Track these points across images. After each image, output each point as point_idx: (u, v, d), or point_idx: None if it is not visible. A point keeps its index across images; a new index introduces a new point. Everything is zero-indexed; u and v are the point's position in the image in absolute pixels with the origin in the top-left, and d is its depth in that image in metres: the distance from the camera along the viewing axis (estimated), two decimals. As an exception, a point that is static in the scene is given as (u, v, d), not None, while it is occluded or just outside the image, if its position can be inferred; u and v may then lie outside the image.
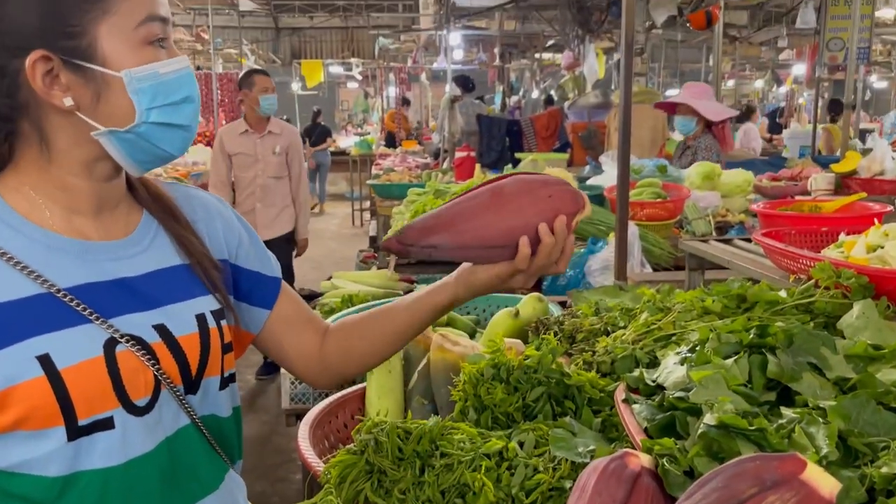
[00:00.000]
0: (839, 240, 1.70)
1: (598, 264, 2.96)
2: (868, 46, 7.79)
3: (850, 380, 1.11)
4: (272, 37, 20.68)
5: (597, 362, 1.45)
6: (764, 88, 18.47)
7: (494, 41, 11.34)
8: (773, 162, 6.62)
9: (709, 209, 3.70)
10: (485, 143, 7.57)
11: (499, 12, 9.67)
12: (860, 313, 1.32)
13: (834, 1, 7.32)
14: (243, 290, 1.13)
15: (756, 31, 9.82)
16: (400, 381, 1.63)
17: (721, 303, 1.47)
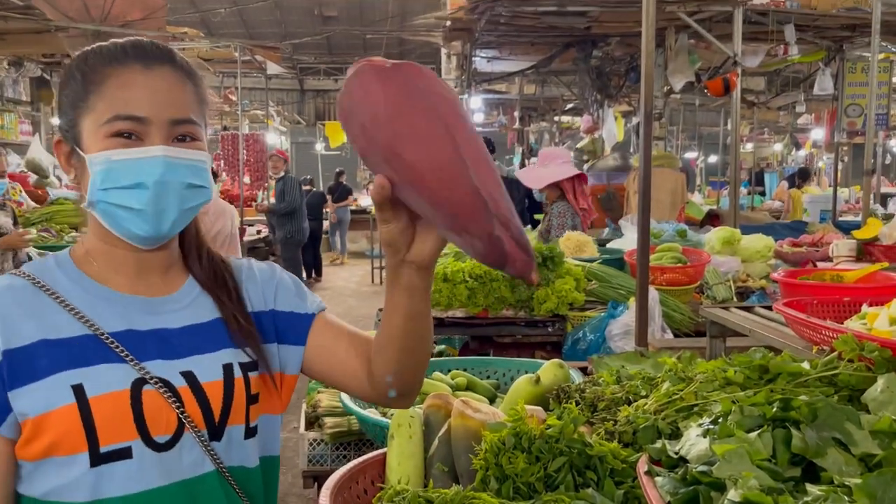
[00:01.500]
0: (862, 311, 1.70)
1: (619, 329, 2.97)
2: (886, 112, 7.85)
3: (876, 456, 1.10)
4: (297, 98, 21.23)
5: (619, 432, 1.44)
6: (783, 152, 18.54)
7: (514, 104, 11.57)
8: (793, 226, 6.61)
9: (729, 274, 3.70)
10: (505, 205, 7.62)
11: (519, 77, 9.90)
12: (884, 387, 1.31)
13: (851, 68, 7.43)
14: (281, 332, 1.18)
15: (774, 97, 9.94)
16: (420, 446, 1.63)
17: (743, 374, 1.46)
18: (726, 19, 5.94)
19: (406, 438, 1.62)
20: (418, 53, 14.79)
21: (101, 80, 1.04)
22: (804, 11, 6.27)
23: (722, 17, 6.02)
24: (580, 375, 2.05)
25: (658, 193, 6.39)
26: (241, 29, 15.32)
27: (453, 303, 3.15)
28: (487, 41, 7.07)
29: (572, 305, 3.21)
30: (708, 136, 19.94)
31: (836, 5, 6.21)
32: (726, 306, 2.35)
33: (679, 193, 6.53)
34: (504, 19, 6.10)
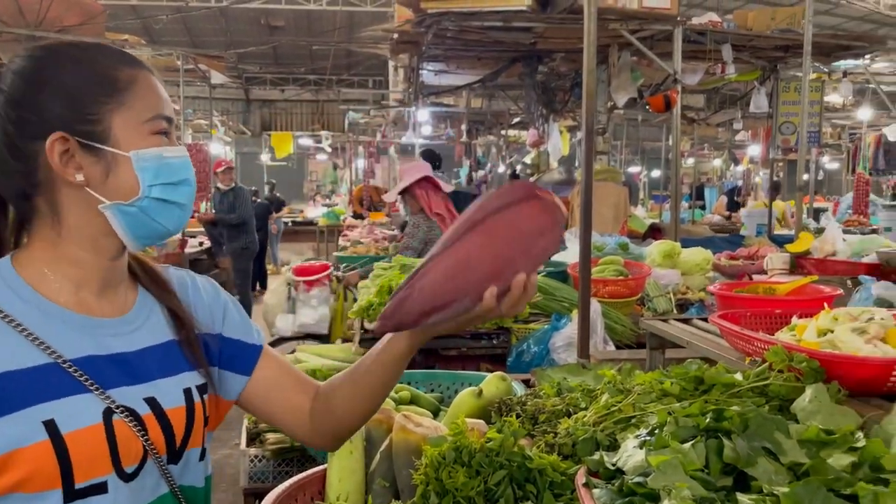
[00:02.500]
0: (792, 323, 1.76)
1: (562, 341, 2.99)
2: (818, 130, 8.17)
3: (804, 465, 1.13)
4: (243, 108, 20.95)
5: (559, 444, 1.46)
6: (722, 167, 19.11)
7: (462, 117, 11.64)
8: (731, 240, 6.81)
9: (669, 286, 3.78)
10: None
11: (466, 91, 9.98)
12: (812, 397, 1.35)
13: (784, 87, 7.70)
14: (226, 359, 1.19)
15: (713, 114, 10.24)
16: (361, 462, 1.61)
17: (679, 385, 1.49)
18: (667, 38, 6.10)
19: (347, 454, 1.61)
20: (366, 65, 14.80)
21: (132, 80, 1.04)
22: (740, 32, 6.49)
23: (663, 35, 6.18)
24: (523, 388, 2.06)
25: (601, 207, 6.50)
26: (184, 37, 15.06)
27: (398, 316, 3.13)
28: (434, 54, 7.10)
29: (517, 318, 3.23)
30: (651, 151, 20.42)
31: (771, 27, 6.44)
32: (665, 318, 2.40)
33: (622, 207, 6.66)
34: (451, 33, 6.13)
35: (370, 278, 3.63)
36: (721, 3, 11.55)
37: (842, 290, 2.16)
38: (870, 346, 1.47)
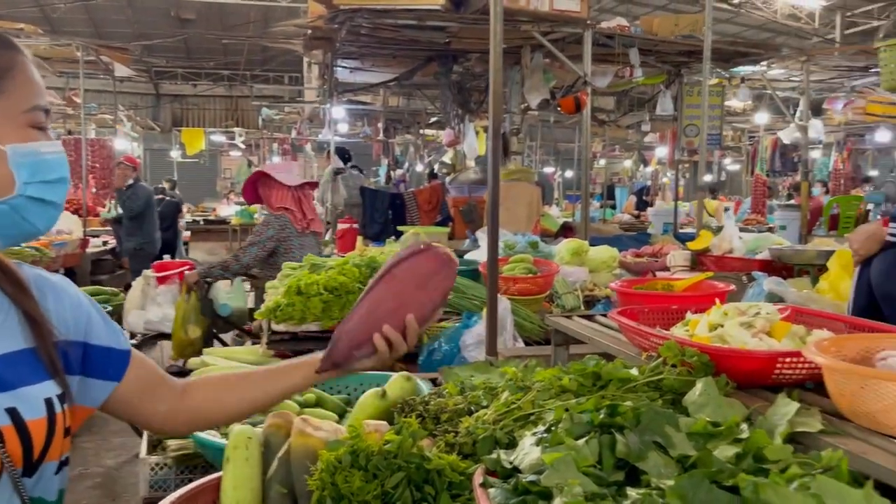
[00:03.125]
0: (686, 318, 1.81)
1: (473, 339, 3.00)
2: (719, 133, 8.54)
3: (691, 457, 1.16)
4: (152, 103, 20.21)
5: (459, 444, 1.45)
6: (632, 168, 19.73)
7: (379, 116, 11.57)
8: (639, 238, 7.02)
9: (577, 284, 3.86)
10: (368, 216, 7.61)
11: (383, 89, 9.92)
12: (702, 390, 1.39)
13: (688, 91, 8.01)
14: (92, 366, 1.15)
15: (622, 116, 10.55)
16: (258, 469, 1.56)
17: (577, 381, 1.51)
18: (577, 41, 6.24)
19: (242, 461, 1.55)
20: (280, 61, 14.52)
21: (9, 66, 0.97)
22: (646, 37, 6.70)
23: (573, 38, 6.31)
24: (430, 387, 2.05)
25: (514, 206, 6.59)
26: (88, 28, 14.37)
27: (307, 316, 3.07)
28: (349, 51, 7.03)
29: (428, 317, 3.22)
30: (565, 151, 20.87)
31: (674, 33, 6.68)
32: (569, 315, 2.44)
33: (534, 206, 6.76)
34: (365, 30, 6.08)
35: (278, 278, 3.55)
36: (630, 10, 11.94)
37: (735, 286, 2.25)
38: (756, 340, 1.52)
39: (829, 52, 9.76)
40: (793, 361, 1.40)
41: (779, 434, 1.23)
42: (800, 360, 1.38)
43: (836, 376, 1.21)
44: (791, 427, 1.25)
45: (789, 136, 10.66)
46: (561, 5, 5.71)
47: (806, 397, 1.41)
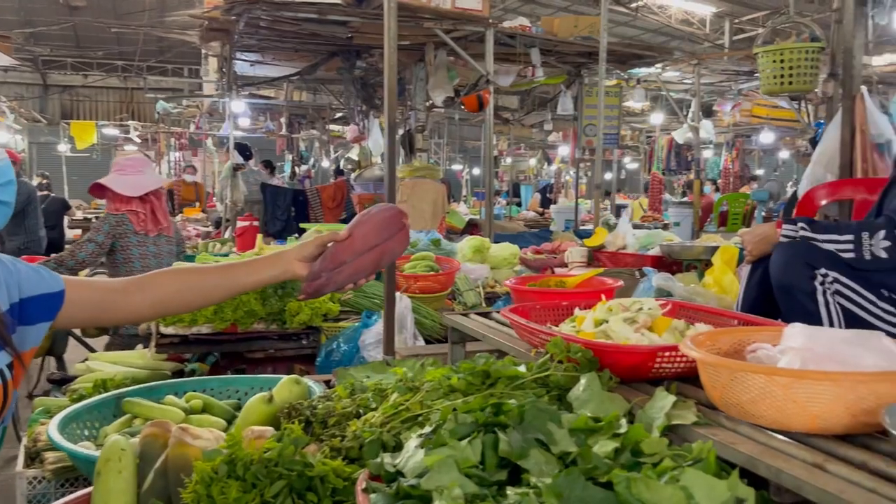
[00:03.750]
0: (574, 314, 1.84)
1: (372, 338, 2.97)
2: (617, 133, 8.80)
3: (572, 454, 1.17)
4: (39, 93, 19.06)
5: (345, 448, 1.41)
6: (537, 166, 20.12)
7: (282, 110, 11.31)
8: (541, 235, 7.16)
9: (479, 281, 3.88)
10: (269, 213, 7.43)
11: (286, 83, 9.70)
12: (586, 386, 1.41)
13: (588, 91, 8.22)
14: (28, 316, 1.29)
15: (526, 115, 10.72)
16: (132, 482, 1.47)
17: (466, 380, 1.50)
18: (480, 39, 6.29)
19: (115, 474, 1.46)
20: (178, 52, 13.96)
21: None
22: (547, 37, 6.82)
23: (476, 37, 6.36)
24: (324, 389, 2.00)
25: (420, 203, 6.58)
26: (-35, 12, 13.39)
27: (198, 318, 2.95)
28: (248, 44, 6.83)
29: (327, 316, 3.16)
30: (473, 149, 21.08)
31: (574, 34, 6.84)
32: (466, 313, 2.44)
33: (440, 204, 6.77)
34: (264, 23, 5.92)
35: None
36: (534, 10, 12.16)
37: (624, 282, 2.30)
38: (638, 335, 1.56)
39: (719, 57, 10.24)
40: (671, 355, 1.44)
41: (656, 427, 1.26)
42: (678, 354, 1.42)
43: (708, 369, 1.25)
44: (668, 420, 1.28)
45: (682, 137, 11.12)
46: (463, 3, 5.74)
47: (684, 390, 1.45)
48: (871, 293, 1.90)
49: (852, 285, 1.89)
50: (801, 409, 1.13)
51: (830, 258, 1.89)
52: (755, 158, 19.19)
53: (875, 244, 1.84)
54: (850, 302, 1.90)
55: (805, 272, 1.88)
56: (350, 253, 1.50)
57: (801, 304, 1.89)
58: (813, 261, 1.88)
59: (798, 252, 1.91)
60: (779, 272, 1.94)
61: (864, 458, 1.07)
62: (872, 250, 1.84)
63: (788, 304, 1.94)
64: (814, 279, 1.87)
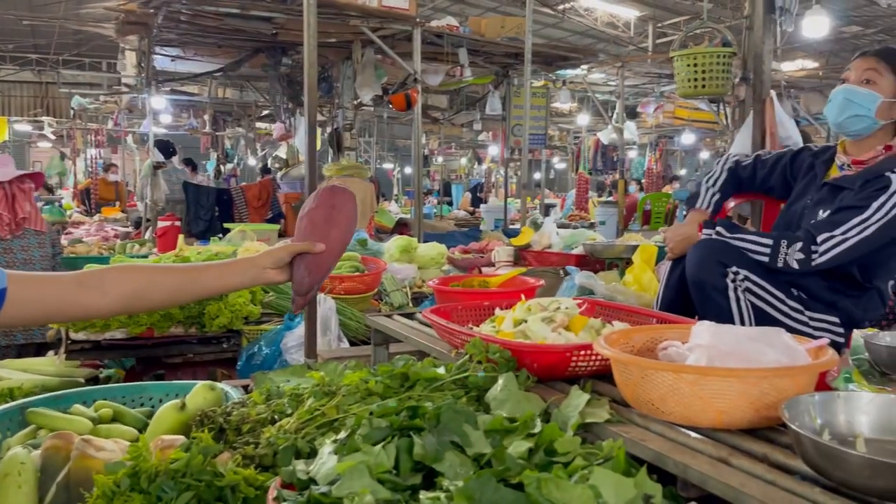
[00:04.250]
0: (495, 314, 1.84)
1: (294, 341, 2.91)
2: (545, 133, 8.93)
3: (486, 455, 1.17)
4: (-58, 89, 18.00)
5: (259, 456, 1.37)
6: (468, 165, 20.25)
7: (205, 107, 11.02)
8: (470, 234, 7.20)
9: (406, 281, 3.87)
10: (192, 213, 7.22)
11: (210, 79, 9.45)
12: (503, 386, 1.41)
13: (516, 92, 8.31)
14: None
15: (455, 114, 10.77)
16: (34, 497, 1.40)
17: (384, 383, 1.48)
18: (407, 38, 6.27)
19: (15, 489, 1.39)
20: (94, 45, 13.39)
21: None
22: (474, 38, 6.86)
23: (403, 35, 6.33)
24: (242, 394, 1.94)
25: (348, 202, 6.51)
26: None
27: (111, 323, 2.83)
28: (168, 38, 6.61)
29: (248, 319, 3.09)
30: (404, 147, 21.03)
31: (501, 34, 6.89)
32: (390, 314, 2.42)
33: (368, 203, 6.72)
34: (184, 17, 5.74)
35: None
36: (463, 10, 12.21)
37: (544, 281, 2.33)
38: (555, 335, 1.58)
39: (642, 60, 10.51)
40: (587, 354, 1.45)
41: (570, 426, 1.27)
42: (592, 352, 1.44)
43: (620, 367, 1.27)
44: (582, 418, 1.29)
45: (608, 137, 11.38)
46: (389, 2, 5.71)
47: (601, 388, 1.47)
48: (781, 291, 1.98)
49: (762, 283, 1.95)
50: (707, 405, 1.15)
51: (742, 257, 1.96)
52: (677, 159, 19.80)
53: (791, 254, 1.92)
54: (760, 299, 1.96)
55: (718, 269, 1.94)
56: (333, 258, 1.56)
57: (714, 301, 1.95)
58: (726, 259, 1.94)
59: (712, 250, 1.97)
60: (693, 269, 1.99)
61: (766, 451, 1.10)
62: (787, 259, 1.92)
63: (702, 301, 2.00)
64: (726, 276, 1.93)
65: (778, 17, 3.66)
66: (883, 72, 1.99)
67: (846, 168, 2.08)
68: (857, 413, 1.10)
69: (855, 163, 2.05)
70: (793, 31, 4.35)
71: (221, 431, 1.56)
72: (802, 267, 1.93)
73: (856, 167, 2.05)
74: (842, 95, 2.03)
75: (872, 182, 1.95)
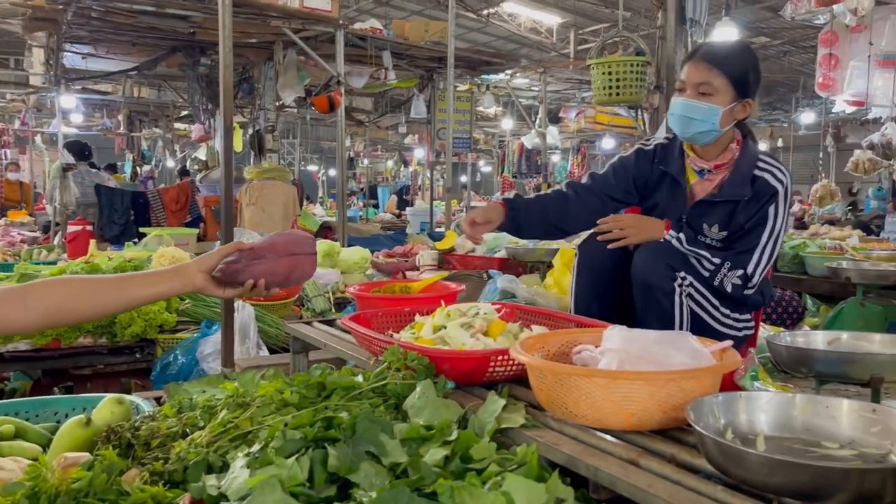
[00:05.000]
0: (415, 320, 1.84)
1: (211, 349, 2.83)
2: (469, 137, 8.99)
3: (402, 464, 1.16)
4: None
5: (168, 471, 1.33)
6: (394, 168, 20.20)
7: (120, 106, 10.62)
8: (396, 237, 7.17)
9: (329, 286, 3.82)
10: (105, 216, 6.94)
11: (125, 78, 9.12)
12: (421, 393, 1.41)
13: (441, 96, 8.34)
14: None
15: (380, 117, 10.72)
16: (-81, 525, 1.31)
17: (300, 393, 1.45)
18: (330, 40, 6.20)
19: None
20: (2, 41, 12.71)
21: None
22: (398, 41, 6.85)
23: (327, 37, 6.27)
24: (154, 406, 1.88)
25: (269, 206, 6.40)
26: None
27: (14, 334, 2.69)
28: (78, 35, 6.34)
29: (163, 328, 2.99)
30: (329, 150, 20.79)
31: (425, 38, 6.91)
32: (310, 320, 2.38)
33: (291, 206, 6.62)
34: (96, 14, 5.52)
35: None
36: (388, 13, 12.18)
37: (465, 286, 2.34)
38: (473, 340, 1.58)
39: (564, 65, 10.73)
40: (504, 359, 1.47)
41: (487, 432, 1.28)
42: (509, 357, 1.45)
43: (535, 372, 1.29)
44: (498, 423, 1.30)
45: (531, 142, 11.55)
46: (312, 3, 5.63)
47: (519, 392, 1.48)
48: (716, 299, 2.03)
49: (702, 290, 2.00)
50: (618, 408, 1.18)
51: (689, 263, 1.99)
52: (599, 163, 20.30)
53: (729, 277, 1.97)
54: (698, 306, 2.01)
55: (667, 273, 1.94)
56: (268, 251, 1.53)
57: (659, 303, 1.95)
58: (675, 263, 1.96)
59: (663, 253, 1.98)
60: (643, 270, 1.98)
61: (674, 452, 1.13)
62: (724, 280, 1.97)
63: (646, 302, 1.99)
64: (674, 280, 1.95)
65: (689, 28, 3.80)
66: (717, 80, 1.96)
67: (708, 173, 2.08)
68: (758, 412, 1.15)
69: (716, 167, 2.06)
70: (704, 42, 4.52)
71: (130, 447, 1.50)
72: (735, 292, 1.98)
73: (717, 170, 2.06)
74: (681, 111, 2.00)
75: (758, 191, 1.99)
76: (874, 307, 2.98)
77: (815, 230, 5.69)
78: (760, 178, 2.01)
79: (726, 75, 1.98)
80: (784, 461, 0.92)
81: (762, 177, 2.01)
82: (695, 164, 2.10)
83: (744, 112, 2.03)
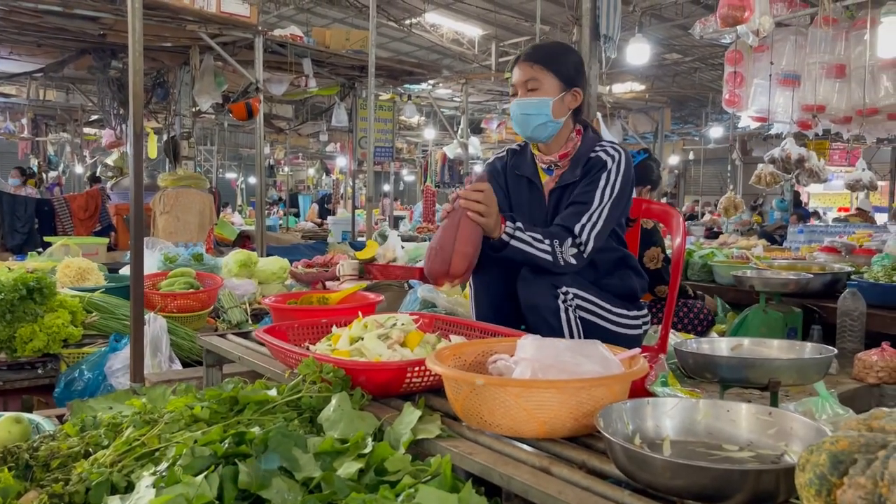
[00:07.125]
0: (332, 332, 1.82)
1: (121, 363, 2.72)
2: (392, 146, 9.00)
3: (315, 479, 1.15)
4: None
5: (69, 493, 1.27)
6: (315, 176, 19.97)
7: (24, 110, 10.12)
8: (316, 247, 7.09)
9: (246, 297, 3.74)
10: (7, 225, 6.59)
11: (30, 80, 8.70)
12: (336, 406, 1.39)
13: (362, 104, 8.31)
14: None
15: (301, 124, 10.59)
16: None
17: (211, 408, 1.42)
18: (249, 46, 6.09)
19: None
20: None
21: None
22: (319, 48, 6.79)
23: (245, 43, 6.15)
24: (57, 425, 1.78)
25: (185, 215, 6.22)
26: None
27: None
28: (-23, 34, 6.01)
29: (67, 342, 2.85)
30: (248, 157, 20.38)
31: (346, 47, 6.87)
32: (224, 333, 2.32)
33: (207, 215, 6.45)
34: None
35: None
36: (310, 20, 12.06)
37: (384, 296, 2.33)
38: (390, 351, 1.58)
39: (486, 77, 10.87)
40: (420, 370, 1.47)
41: (402, 444, 1.28)
42: (426, 368, 1.45)
43: (451, 383, 1.29)
44: (414, 435, 1.30)
45: (453, 152, 11.64)
46: (229, 8, 5.52)
47: (436, 403, 1.49)
48: (605, 301, 2.07)
49: (589, 297, 2.03)
50: (530, 417, 1.20)
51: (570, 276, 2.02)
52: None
53: (565, 251, 1.99)
54: (589, 313, 2.04)
55: (550, 292, 1.97)
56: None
57: (546, 321, 1.98)
58: (556, 280, 1.99)
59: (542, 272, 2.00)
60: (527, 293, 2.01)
61: (584, 458, 1.16)
62: (564, 257, 1.98)
63: (535, 321, 2.02)
64: (557, 298, 1.97)
65: (603, 44, 3.92)
66: (541, 74, 2.05)
67: (556, 168, 2.14)
68: (664, 417, 1.19)
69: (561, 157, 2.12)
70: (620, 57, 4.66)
71: (28, 468, 1.42)
72: (579, 261, 1.98)
73: (562, 161, 2.12)
74: (518, 111, 2.09)
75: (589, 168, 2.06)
76: (775, 314, 3.12)
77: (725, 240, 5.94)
78: (593, 158, 2.08)
79: (548, 69, 2.06)
80: (685, 464, 0.95)
81: (594, 156, 2.08)
82: (542, 162, 2.17)
83: (575, 101, 2.11)
